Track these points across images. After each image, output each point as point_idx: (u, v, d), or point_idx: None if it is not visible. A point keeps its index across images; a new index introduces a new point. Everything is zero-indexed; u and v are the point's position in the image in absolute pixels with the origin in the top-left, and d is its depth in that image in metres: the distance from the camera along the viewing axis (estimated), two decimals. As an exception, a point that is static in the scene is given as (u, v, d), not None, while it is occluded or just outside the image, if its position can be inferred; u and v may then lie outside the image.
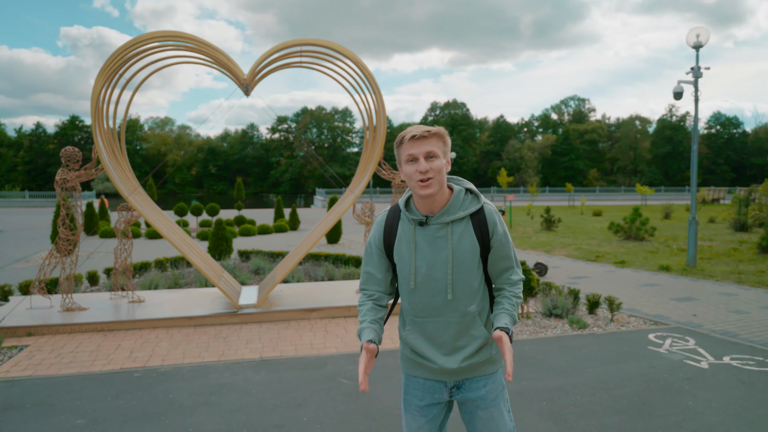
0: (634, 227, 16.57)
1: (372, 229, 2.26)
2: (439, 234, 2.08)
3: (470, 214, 2.11)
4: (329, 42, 7.31)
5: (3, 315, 6.71)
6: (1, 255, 14.10)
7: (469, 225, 2.09)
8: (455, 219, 2.08)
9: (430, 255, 2.08)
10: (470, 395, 2.19)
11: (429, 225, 2.09)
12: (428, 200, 2.07)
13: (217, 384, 4.84)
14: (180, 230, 7.86)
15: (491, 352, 2.18)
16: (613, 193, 61.12)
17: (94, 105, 6.66)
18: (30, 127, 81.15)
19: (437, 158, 2.03)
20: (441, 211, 2.09)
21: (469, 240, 2.08)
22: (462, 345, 2.13)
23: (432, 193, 2.02)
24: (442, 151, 2.06)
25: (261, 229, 20.12)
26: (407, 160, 2.04)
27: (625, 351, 5.73)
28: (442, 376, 2.18)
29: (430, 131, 2.04)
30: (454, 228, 2.08)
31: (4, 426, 4.01)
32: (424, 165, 2.00)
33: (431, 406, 2.22)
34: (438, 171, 2.02)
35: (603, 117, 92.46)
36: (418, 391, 2.22)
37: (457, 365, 2.12)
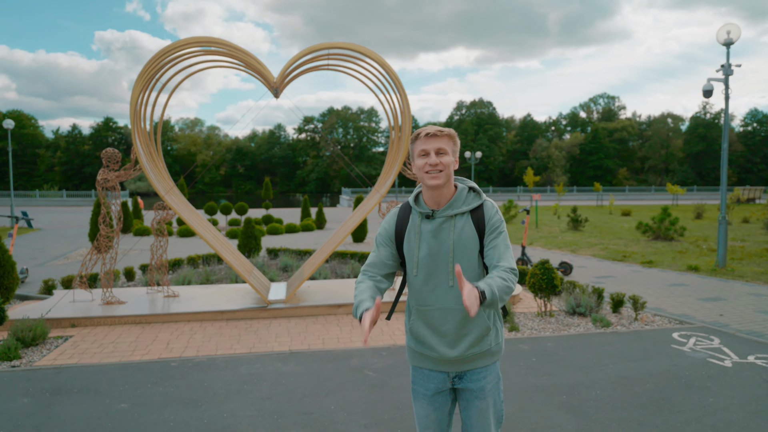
0: (663, 227, 16.34)
1: (384, 220, 2.45)
2: (443, 226, 2.27)
3: (471, 210, 2.29)
4: (355, 45, 7.50)
5: (49, 307, 7.11)
6: (42, 252, 14.75)
7: (469, 219, 2.28)
8: (458, 213, 2.28)
9: (433, 245, 2.27)
10: (471, 386, 2.34)
11: (434, 218, 2.29)
12: (435, 192, 2.26)
13: (248, 374, 5.09)
14: (212, 228, 8.17)
15: (491, 342, 2.32)
16: (643, 192, 59.93)
17: (133, 108, 7.00)
18: (66, 129, 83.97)
19: (446, 155, 2.24)
20: (446, 205, 2.29)
21: (469, 232, 2.26)
22: (464, 334, 2.27)
23: (439, 184, 2.22)
24: (451, 149, 2.26)
25: (288, 228, 20.50)
26: (420, 155, 2.26)
27: (648, 349, 5.77)
28: (445, 366, 2.33)
29: (443, 131, 2.25)
30: (456, 221, 2.27)
31: (56, 408, 4.32)
32: (434, 158, 2.22)
33: (437, 396, 2.37)
34: (446, 165, 2.23)
35: (633, 115, 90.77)
36: (424, 381, 2.39)
37: (459, 354, 2.27)
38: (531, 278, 7.12)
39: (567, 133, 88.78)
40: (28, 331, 5.96)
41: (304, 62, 7.63)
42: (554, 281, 6.99)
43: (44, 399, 4.51)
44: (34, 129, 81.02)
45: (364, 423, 4.03)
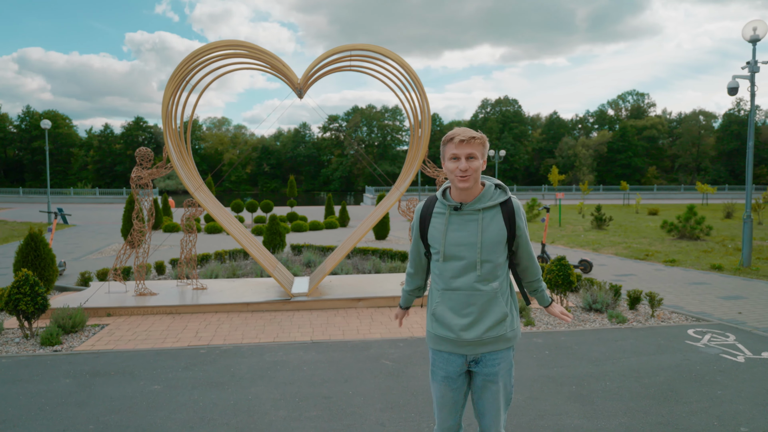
0: (688, 226, 16.15)
1: (414, 216, 2.72)
2: (471, 218, 2.48)
3: (500, 204, 2.50)
4: (376, 46, 7.73)
5: (86, 297, 7.54)
6: (78, 247, 15.40)
7: (498, 213, 2.49)
8: (486, 207, 2.47)
9: (462, 235, 2.47)
10: (486, 370, 2.54)
11: (462, 211, 2.49)
12: (464, 191, 2.47)
13: (272, 361, 5.37)
14: (239, 224, 8.51)
15: (507, 328, 2.51)
16: (672, 191, 58.70)
17: (165, 109, 7.37)
18: (99, 129, 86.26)
19: (476, 159, 2.43)
20: (474, 200, 2.49)
21: (497, 225, 2.47)
22: (483, 317, 2.47)
23: (468, 187, 2.44)
24: (481, 153, 2.45)
25: (312, 225, 20.87)
26: (450, 158, 2.45)
27: (662, 344, 5.86)
28: (463, 348, 2.52)
29: (475, 138, 2.43)
30: (484, 214, 2.47)
31: (95, 388, 4.67)
32: (464, 164, 2.40)
33: (454, 378, 2.57)
34: (476, 170, 2.43)
35: (663, 112, 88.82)
36: (443, 364, 2.58)
37: (476, 336, 2.46)
38: (547, 275, 7.25)
39: (594, 131, 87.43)
40: (68, 318, 6.37)
41: (327, 63, 7.89)
42: (570, 278, 7.11)
43: (84, 380, 4.86)
44: (68, 129, 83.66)
45: (379, 407, 4.26)
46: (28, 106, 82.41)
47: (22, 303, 6.01)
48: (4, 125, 78.85)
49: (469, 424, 3.70)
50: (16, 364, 5.32)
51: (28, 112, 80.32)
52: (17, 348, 5.88)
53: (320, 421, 4.01)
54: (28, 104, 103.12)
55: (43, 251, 8.29)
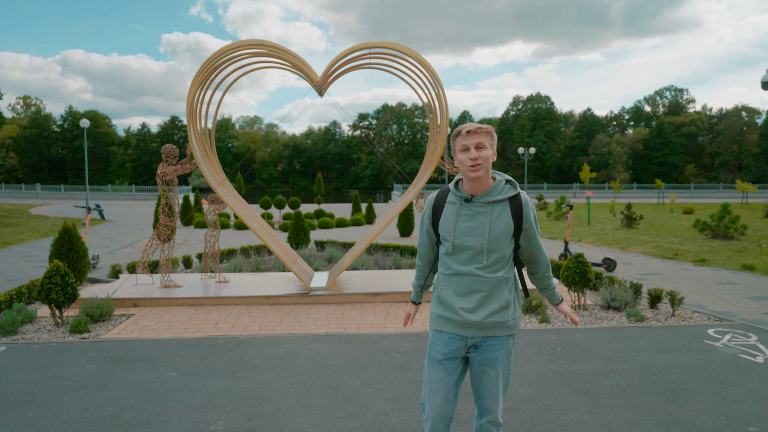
0: (722, 225, 15.66)
1: (425, 206, 2.80)
2: (480, 210, 2.57)
3: (509, 199, 2.59)
4: (394, 44, 7.80)
5: (114, 289, 7.86)
6: (112, 241, 15.98)
7: (507, 207, 2.57)
8: (495, 200, 2.56)
9: (471, 226, 2.56)
10: (485, 355, 2.61)
11: (473, 202, 2.58)
12: (475, 183, 2.56)
13: (286, 352, 5.51)
14: (260, 219, 8.71)
15: (508, 316, 2.59)
16: (711, 190, 56.83)
17: (189, 107, 7.61)
18: (136, 128, 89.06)
19: (485, 149, 2.52)
20: (484, 192, 2.58)
21: (505, 219, 2.56)
22: (487, 303, 2.56)
23: (479, 176, 2.52)
24: (489, 143, 2.55)
25: (338, 222, 21.09)
26: (461, 150, 2.55)
27: (678, 343, 5.76)
28: (465, 330, 2.59)
29: (482, 128, 2.53)
30: (493, 207, 2.56)
31: (116, 373, 4.90)
32: (474, 153, 2.50)
33: (451, 360, 2.64)
34: (486, 159, 2.52)
35: (703, 108, 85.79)
36: (442, 346, 2.65)
37: (479, 319, 2.55)
38: (565, 272, 7.19)
39: (630, 128, 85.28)
40: (96, 308, 6.67)
41: (346, 62, 8.00)
42: (587, 275, 7.03)
43: (107, 366, 5.10)
44: (107, 128, 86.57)
45: (385, 398, 4.34)
46: (71, 106, 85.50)
47: (53, 292, 6.32)
48: (48, 125, 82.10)
49: (467, 418, 3.74)
50: (47, 350, 5.61)
51: (71, 112, 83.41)
52: (48, 335, 6.20)
53: (325, 410, 4.12)
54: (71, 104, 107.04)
55: (76, 244, 8.66)
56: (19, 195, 49.50)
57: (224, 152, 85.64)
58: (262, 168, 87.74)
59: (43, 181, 72.55)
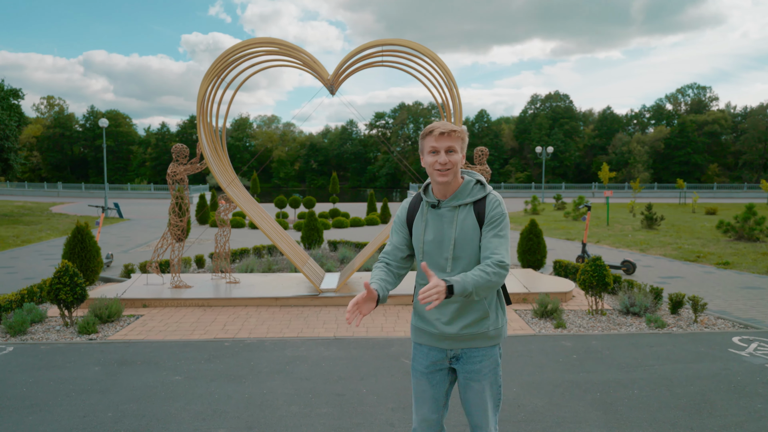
0: (746, 227, 15.19)
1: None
2: (447, 215, 2.40)
3: (475, 201, 2.41)
4: (407, 41, 7.63)
5: (125, 288, 7.83)
6: (128, 240, 16.08)
7: (471, 209, 2.39)
8: (462, 204, 2.39)
9: (438, 232, 2.40)
10: (467, 367, 2.44)
11: (440, 208, 2.42)
12: (443, 186, 2.40)
13: (292, 356, 5.39)
14: (271, 219, 8.62)
15: (489, 327, 2.41)
16: (734, 190, 55.46)
17: (200, 105, 7.54)
18: (156, 127, 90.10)
19: (456, 153, 2.35)
20: (451, 196, 2.42)
21: (470, 222, 2.37)
22: (462, 314, 2.38)
23: (447, 181, 2.36)
24: (460, 147, 2.38)
25: (353, 222, 20.99)
26: (430, 151, 2.37)
27: (701, 352, 5.50)
28: (443, 342, 2.44)
29: (455, 131, 2.34)
30: (459, 211, 2.39)
31: (120, 377, 4.83)
32: (444, 158, 2.32)
33: (434, 373, 2.49)
34: (455, 164, 2.35)
35: (727, 106, 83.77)
36: (423, 357, 2.51)
37: (456, 331, 2.38)
38: (581, 275, 6.96)
39: (650, 127, 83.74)
40: (105, 309, 6.63)
41: (357, 60, 7.86)
42: (606, 278, 6.79)
43: (112, 368, 5.04)
44: (128, 127, 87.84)
45: (391, 406, 4.19)
46: (93, 106, 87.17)
47: (62, 293, 6.29)
48: (70, 124, 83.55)
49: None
50: (53, 351, 5.57)
51: (92, 112, 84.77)
52: (57, 335, 6.17)
53: (330, 419, 3.99)
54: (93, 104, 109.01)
55: (89, 244, 8.68)
56: (41, 193, 50.40)
57: (242, 151, 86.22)
58: (279, 167, 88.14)
59: (65, 179, 73.84)
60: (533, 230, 10.21)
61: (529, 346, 5.71)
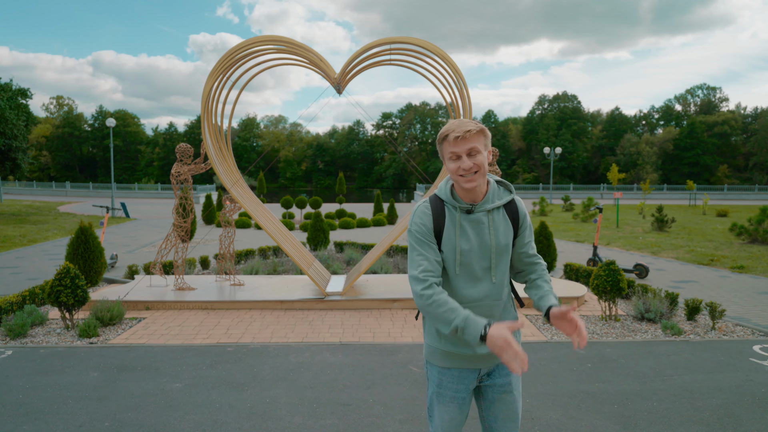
0: (761, 229, 14.89)
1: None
2: (482, 220, 2.22)
3: (505, 204, 2.26)
4: (417, 39, 7.45)
5: (128, 290, 7.70)
6: (134, 240, 16.00)
7: (503, 213, 2.24)
8: (494, 207, 2.22)
9: (475, 240, 2.20)
10: (499, 380, 2.28)
11: (474, 213, 2.22)
12: (472, 191, 2.20)
13: (297, 362, 5.23)
14: (276, 220, 8.47)
15: (518, 335, 2.30)
16: (745, 191, 54.80)
17: (204, 104, 7.40)
18: (164, 127, 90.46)
19: (479, 153, 2.14)
20: (483, 200, 2.23)
21: (504, 226, 2.23)
22: None
23: (476, 185, 2.17)
24: (483, 145, 2.15)
25: (360, 223, 20.82)
26: (450, 158, 2.16)
27: (721, 361, 5.29)
28: (478, 363, 2.25)
29: (471, 131, 2.11)
30: (494, 216, 2.22)
31: (119, 383, 4.68)
32: (467, 163, 2.11)
33: (465, 398, 2.30)
34: (481, 165, 2.14)
35: (737, 107, 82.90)
36: (453, 383, 2.28)
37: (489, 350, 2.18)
38: (595, 279, 6.75)
39: (659, 128, 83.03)
40: (107, 311, 6.50)
41: (365, 58, 7.70)
42: (620, 283, 6.59)
43: (111, 374, 4.90)
44: (136, 127, 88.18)
45: (399, 418, 4.02)
46: (101, 105, 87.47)
47: (62, 295, 6.17)
48: (79, 124, 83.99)
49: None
50: (53, 355, 5.44)
51: (101, 112, 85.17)
52: (57, 339, 6.04)
53: (335, 430, 3.82)
54: (101, 104, 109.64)
55: (92, 244, 8.56)
56: (50, 192, 50.62)
57: (249, 151, 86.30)
58: (286, 167, 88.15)
59: (74, 179, 74.21)
60: (543, 232, 10.00)
61: (542, 353, 5.51)
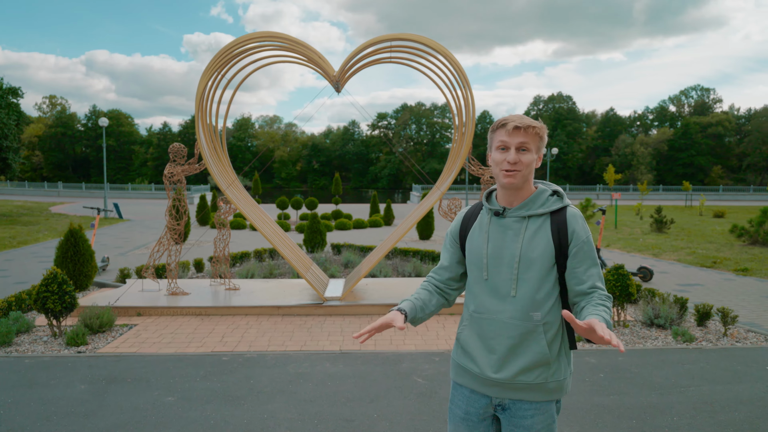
0: (762, 231, 14.75)
1: (454, 220, 2.23)
2: (513, 227, 1.98)
3: (551, 213, 1.99)
4: (419, 36, 7.22)
5: (118, 296, 7.42)
6: (126, 241, 15.68)
7: (546, 223, 1.97)
8: (533, 214, 1.97)
9: (499, 246, 1.99)
10: (516, 421, 1.98)
11: (505, 217, 2.00)
12: (510, 192, 2.00)
13: (295, 373, 4.98)
14: (273, 222, 8.22)
15: (548, 376, 1.96)
16: (740, 192, 54.93)
17: (199, 100, 7.13)
18: (158, 127, 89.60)
19: (529, 152, 1.95)
20: (520, 204, 2.00)
21: (543, 239, 1.95)
22: (517, 355, 1.94)
23: (514, 184, 1.95)
24: (536, 146, 1.97)
25: (356, 224, 20.58)
26: (498, 147, 1.97)
27: (738, 370, 5.08)
28: (487, 388, 1.99)
29: (533, 126, 1.94)
30: (530, 223, 1.97)
31: (108, 397, 4.42)
32: (513, 156, 1.92)
33: (475, 422, 2.04)
34: (527, 165, 1.95)
35: (731, 108, 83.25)
36: (463, 402, 2.07)
37: (505, 377, 1.94)
38: (603, 284, 6.53)
39: (654, 129, 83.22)
40: (96, 318, 6.22)
41: (365, 55, 7.46)
42: (629, 288, 6.38)
43: (100, 387, 4.63)
44: (130, 127, 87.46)
45: (406, 435, 3.78)
46: (95, 105, 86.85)
47: (49, 301, 5.89)
48: (73, 124, 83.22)
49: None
50: (38, 366, 5.17)
51: (94, 111, 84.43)
52: (44, 347, 5.76)
53: (338, 450, 3.58)
54: (95, 104, 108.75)
55: (82, 248, 8.27)
56: (42, 193, 50.05)
57: (244, 151, 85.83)
58: (281, 167, 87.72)
59: (67, 179, 73.53)
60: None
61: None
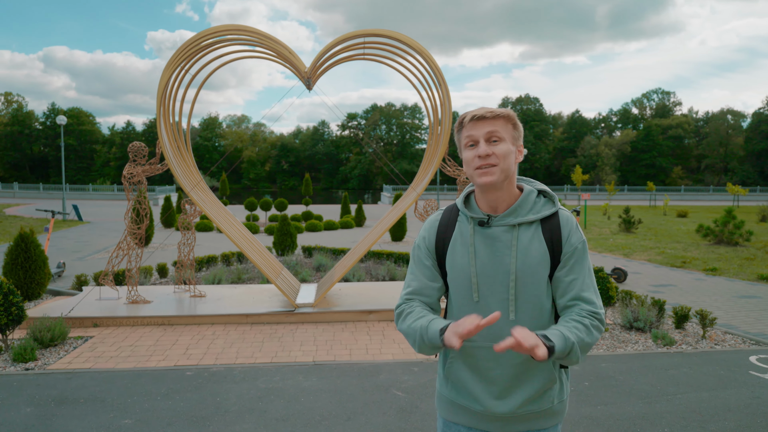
0: (726, 230, 15.06)
1: (422, 228, 1.86)
2: (501, 237, 1.69)
3: (541, 219, 1.71)
4: (394, 32, 6.97)
5: (73, 305, 6.92)
6: (86, 245, 14.94)
7: (538, 231, 1.70)
8: (523, 222, 1.69)
9: (489, 263, 1.69)
10: None
11: (491, 226, 1.71)
12: (491, 194, 1.70)
13: (266, 388, 4.65)
14: (240, 225, 7.83)
15: (554, 398, 1.74)
16: (701, 192, 56.71)
17: (160, 96, 6.70)
18: (121, 126, 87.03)
19: (502, 141, 1.66)
20: (507, 210, 1.71)
21: (538, 249, 1.68)
22: (520, 383, 1.70)
23: (493, 182, 1.65)
24: (509, 135, 1.68)
25: (327, 225, 20.21)
26: (467, 144, 1.70)
27: (722, 375, 4.99)
28: (490, 424, 1.75)
29: (494, 111, 1.65)
30: (521, 232, 1.69)
31: (56, 420, 4.00)
32: (484, 148, 1.64)
33: None
34: (502, 157, 1.65)
35: (690, 111, 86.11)
36: None
37: (511, 409, 1.70)
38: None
39: (617, 130, 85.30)
40: (47, 331, 5.74)
41: (338, 52, 7.16)
42: (609, 291, 6.27)
43: (48, 410, 4.20)
44: (91, 126, 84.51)
45: (387, 457, 3.51)
46: (53, 103, 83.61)
47: (-7, 314, 5.39)
48: (30, 122, 79.92)
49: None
50: (-21, 386, 4.69)
51: (53, 110, 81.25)
52: (-13, 364, 5.27)
53: (314, 477, 3.28)
54: (54, 101, 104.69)
55: (34, 254, 7.72)
56: (-4, 194, 47.82)
57: (211, 151, 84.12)
58: (250, 167, 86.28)
59: (24, 179, 70.59)
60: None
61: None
